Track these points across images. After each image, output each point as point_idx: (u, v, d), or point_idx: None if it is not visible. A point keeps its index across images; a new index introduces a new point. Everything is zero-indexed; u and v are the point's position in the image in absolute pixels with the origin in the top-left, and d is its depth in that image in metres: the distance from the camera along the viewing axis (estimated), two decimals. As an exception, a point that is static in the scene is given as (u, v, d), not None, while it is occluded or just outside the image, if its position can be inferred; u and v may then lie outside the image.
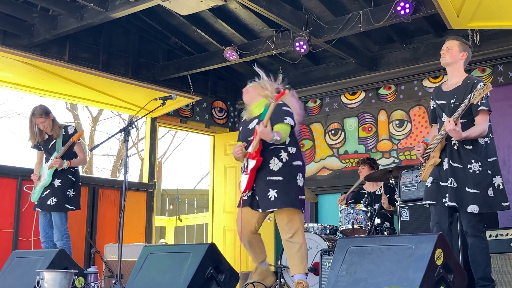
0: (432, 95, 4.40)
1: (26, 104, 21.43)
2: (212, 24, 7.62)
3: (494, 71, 6.93)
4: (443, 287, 2.94)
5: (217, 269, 3.98)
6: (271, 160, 4.44)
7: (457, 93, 4.12)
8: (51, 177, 5.79)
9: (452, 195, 4.02)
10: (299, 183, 4.45)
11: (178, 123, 8.80)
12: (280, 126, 4.40)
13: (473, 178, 3.98)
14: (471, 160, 4.01)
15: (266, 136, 4.31)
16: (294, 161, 4.47)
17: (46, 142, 5.99)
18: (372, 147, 7.76)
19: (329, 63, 8.23)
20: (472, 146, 4.04)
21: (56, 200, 5.75)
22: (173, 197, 13.27)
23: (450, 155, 4.09)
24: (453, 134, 3.92)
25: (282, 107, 4.48)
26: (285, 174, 4.40)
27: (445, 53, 4.21)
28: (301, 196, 4.43)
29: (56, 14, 6.85)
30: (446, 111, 4.16)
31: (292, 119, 4.47)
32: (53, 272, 4.35)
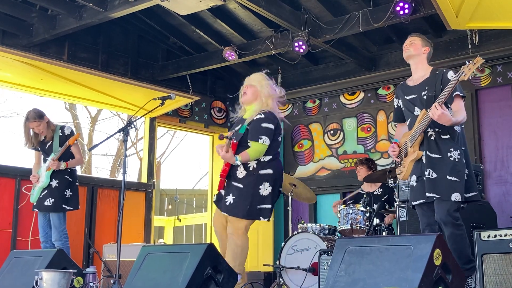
0: (397, 93, 4.39)
1: (25, 103, 21.46)
2: (211, 24, 7.62)
3: (493, 72, 6.94)
4: (442, 287, 2.94)
5: (216, 269, 3.97)
6: (239, 168, 4.57)
7: (427, 84, 4.11)
8: (48, 179, 5.82)
9: (430, 187, 3.98)
10: (262, 192, 4.52)
11: (177, 123, 8.80)
12: (253, 145, 4.51)
13: (453, 166, 3.95)
14: (450, 149, 3.98)
15: (228, 161, 4.51)
16: (262, 170, 4.54)
17: (42, 143, 6.00)
18: (371, 147, 7.77)
19: (328, 63, 8.23)
20: (449, 135, 4.02)
21: (54, 200, 5.76)
22: (172, 197, 13.28)
23: (428, 146, 4.05)
24: (442, 119, 3.84)
25: (262, 124, 4.54)
26: (247, 182, 4.52)
27: (408, 46, 4.26)
28: (260, 205, 4.51)
29: (55, 13, 6.85)
30: (418, 104, 4.14)
31: (269, 139, 4.52)
32: (51, 272, 4.34)
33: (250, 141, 4.53)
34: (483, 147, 6.82)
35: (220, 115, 9.11)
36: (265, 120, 4.55)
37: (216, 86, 9.08)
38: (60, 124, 6.11)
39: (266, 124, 4.54)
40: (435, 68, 4.21)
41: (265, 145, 4.51)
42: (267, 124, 4.55)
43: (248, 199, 4.48)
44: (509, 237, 4.38)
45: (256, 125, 4.54)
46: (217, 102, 9.07)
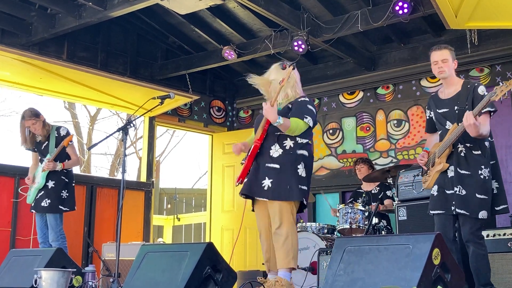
0: (429, 104, 4.38)
1: (24, 103, 21.44)
2: (210, 23, 7.62)
3: (492, 71, 6.94)
4: (441, 286, 2.94)
5: (215, 268, 3.98)
6: (273, 146, 4.26)
7: (459, 99, 4.12)
8: (44, 180, 5.82)
9: (460, 203, 3.99)
10: (300, 173, 4.21)
11: (176, 122, 8.80)
12: (296, 120, 4.20)
13: (482, 184, 3.98)
14: (481, 166, 4.01)
15: (270, 115, 4.09)
16: (299, 150, 4.25)
17: (38, 144, 6.01)
18: (370, 147, 7.77)
19: (327, 63, 8.23)
20: (481, 151, 4.05)
21: (50, 201, 5.77)
22: (171, 196, 13.27)
23: (457, 162, 4.06)
24: (471, 128, 3.85)
25: (308, 105, 4.32)
26: (283, 162, 4.20)
27: (444, 66, 4.16)
28: (301, 186, 4.20)
29: (54, 12, 6.85)
30: (450, 118, 4.15)
31: (312, 121, 4.28)
32: (50, 271, 4.35)
33: (295, 117, 4.21)
34: (482, 147, 6.82)
35: (219, 114, 9.10)
36: (310, 103, 4.35)
37: (215, 85, 9.08)
38: (56, 125, 6.11)
39: (311, 107, 4.33)
40: (466, 81, 4.22)
41: (307, 124, 4.24)
42: (312, 107, 4.35)
43: (288, 178, 4.17)
44: (508, 236, 4.40)
45: (301, 104, 4.28)
46: (216, 101, 9.07)
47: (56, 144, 5.85)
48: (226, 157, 8.86)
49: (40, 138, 6.00)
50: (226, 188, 8.77)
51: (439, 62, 4.17)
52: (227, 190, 8.76)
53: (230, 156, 8.82)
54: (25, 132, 5.95)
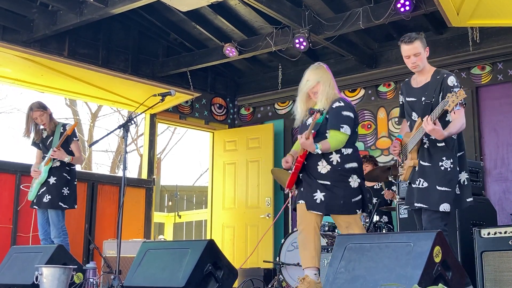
0: (401, 90, 4.31)
1: (25, 99, 21.44)
2: (211, 20, 7.61)
3: (494, 69, 6.93)
4: (442, 284, 2.94)
5: (216, 266, 3.98)
6: (320, 162, 4.26)
7: (426, 89, 4.03)
8: (46, 173, 5.80)
9: (419, 196, 3.94)
10: (352, 185, 4.23)
11: (177, 120, 8.80)
12: (334, 133, 4.20)
13: (444, 176, 3.89)
14: (442, 158, 3.91)
15: (308, 148, 4.18)
16: (347, 163, 4.24)
17: (44, 139, 6.00)
18: (371, 144, 7.76)
19: (329, 60, 8.22)
20: (445, 143, 3.93)
21: (51, 197, 5.76)
22: (172, 193, 13.26)
23: (421, 154, 4.00)
24: (434, 134, 3.80)
25: (343, 112, 4.25)
26: (334, 178, 4.21)
27: (417, 61, 4.09)
28: (354, 198, 4.22)
29: (56, 9, 6.84)
30: (416, 109, 4.07)
31: (349, 127, 4.23)
32: (51, 267, 4.35)
33: (330, 130, 4.21)
34: (483, 145, 6.81)
35: (221, 111, 9.10)
36: (345, 108, 4.27)
37: (217, 82, 9.07)
38: (62, 122, 6.11)
39: (346, 112, 4.26)
40: (437, 70, 4.11)
41: (346, 134, 4.20)
42: (348, 112, 4.27)
43: (340, 194, 4.18)
44: (509, 234, 4.39)
45: (336, 112, 4.23)
46: (217, 99, 9.07)
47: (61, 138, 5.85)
48: (227, 154, 8.86)
49: (46, 133, 6.00)
50: (227, 185, 8.77)
51: (411, 56, 4.11)
52: (228, 187, 8.76)
53: (231, 153, 8.82)
54: (30, 124, 5.94)
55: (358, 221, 4.29)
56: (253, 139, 8.64)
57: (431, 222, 3.87)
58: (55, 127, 5.96)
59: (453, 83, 3.95)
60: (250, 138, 8.68)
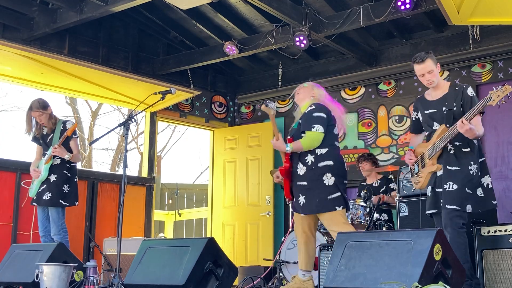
0: (416, 106, 4.50)
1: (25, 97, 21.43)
2: (212, 18, 7.61)
3: (494, 67, 6.93)
4: (442, 282, 2.94)
5: (216, 263, 3.99)
6: (298, 165, 4.56)
7: (446, 100, 4.25)
8: (47, 172, 5.80)
9: (449, 198, 4.08)
10: (327, 183, 4.45)
11: (178, 118, 8.79)
12: (306, 134, 4.49)
13: (471, 179, 4.10)
14: (471, 162, 4.12)
15: (278, 148, 4.55)
16: (321, 162, 4.49)
17: (44, 136, 6.00)
18: (372, 143, 7.76)
19: (329, 58, 8.22)
20: (470, 148, 4.15)
21: (51, 195, 5.76)
22: (172, 191, 13.27)
23: (447, 160, 4.18)
24: (469, 133, 3.98)
25: (313, 114, 4.54)
26: (309, 178, 4.49)
27: (431, 78, 4.29)
28: (331, 196, 4.43)
29: (56, 7, 6.84)
30: (438, 119, 4.27)
31: (321, 126, 4.49)
32: (52, 265, 4.36)
33: (305, 131, 4.53)
34: (484, 143, 6.80)
35: (221, 109, 9.10)
36: (315, 110, 4.57)
37: (217, 80, 9.07)
38: (63, 119, 6.11)
39: (317, 113, 4.54)
40: (454, 84, 4.36)
41: (318, 132, 4.47)
42: (318, 113, 4.55)
43: (316, 193, 4.45)
44: (509, 232, 4.39)
45: (307, 116, 4.56)
46: (217, 97, 9.06)
47: (61, 137, 5.84)
48: (227, 152, 8.86)
49: (46, 130, 6.00)
50: (227, 183, 8.77)
51: (425, 74, 4.31)
52: (228, 185, 8.76)
53: (232, 151, 8.82)
54: (31, 122, 5.95)
55: (339, 218, 4.47)
56: (253, 137, 8.64)
57: (451, 219, 4.04)
58: (55, 125, 5.96)
59: (473, 93, 4.23)
60: (250, 136, 8.68)
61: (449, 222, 4.03)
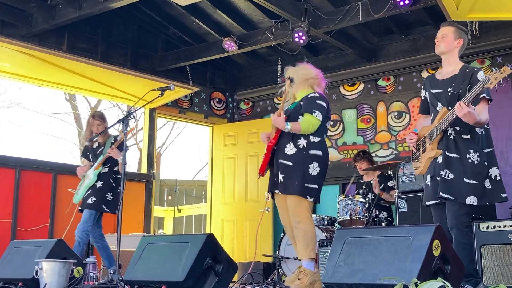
0: (425, 84, 4.25)
1: (24, 94, 21.43)
2: (211, 14, 7.60)
3: (493, 63, 6.93)
4: (441, 278, 2.95)
5: (215, 259, 3.99)
6: (288, 144, 4.48)
7: (454, 81, 3.98)
8: (96, 177, 5.93)
9: (445, 187, 3.86)
10: (311, 172, 4.42)
11: (177, 114, 8.79)
12: (306, 116, 4.44)
13: (472, 168, 3.83)
14: (470, 150, 3.86)
15: (278, 125, 4.44)
16: (312, 150, 4.46)
17: (94, 149, 6.15)
18: (371, 139, 7.77)
19: (328, 54, 8.22)
20: (470, 136, 3.89)
21: (95, 199, 5.87)
22: (172, 187, 13.28)
23: (446, 145, 3.93)
24: (468, 117, 3.70)
25: (317, 100, 4.51)
26: (296, 160, 4.42)
27: (440, 41, 4.05)
28: (310, 185, 4.40)
29: (55, 3, 6.83)
30: (442, 100, 4.02)
31: (322, 115, 4.47)
32: (51, 262, 4.36)
33: (304, 114, 4.45)
34: (483, 139, 6.81)
35: (220, 106, 9.10)
36: (319, 98, 4.53)
37: (216, 77, 9.06)
38: (114, 135, 6.24)
39: (320, 101, 4.51)
40: (465, 65, 4.06)
41: (318, 119, 4.45)
42: (321, 102, 4.53)
43: (299, 176, 4.39)
44: (508, 228, 4.40)
45: (310, 99, 4.50)
46: (216, 93, 9.06)
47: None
48: (226, 148, 8.86)
49: (96, 143, 6.15)
50: (226, 179, 8.78)
51: (438, 37, 4.08)
52: (227, 181, 8.77)
53: (231, 147, 8.82)
54: (91, 129, 6.12)
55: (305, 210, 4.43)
56: (252, 134, 8.63)
57: (457, 219, 3.83)
58: (107, 139, 6.08)
59: (483, 77, 3.85)
60: (250, 133, 8.68)
61: (454, 222, 3.83)
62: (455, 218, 3.84)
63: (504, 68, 3.57)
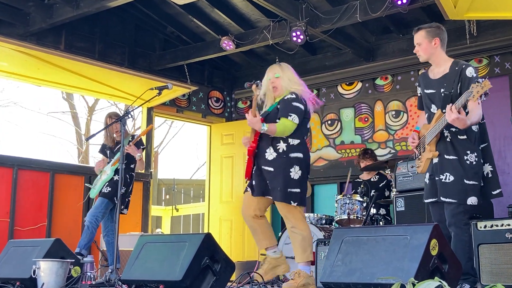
0: (419, 82, 4.26)
1: (22, 93, 21.41)
2: (208, 13, 7.59)
3: (491, 62, 6.93)
4: (438, 277, 2.95)
5: (213, 259, 3.98)
6: (267, 149, 4.46)
7: (445, 81, 3.99)
8: (113, 172, 5.98)
9: (445, 190, 3.90)
10: (293, 175, 4.39)
11: (175, 113, 8.79)
12: (282, 121, 4.40)
13: (470, 169, 3.87)
14: (467, 151, 3.89)
15: (253, 125, 4.41)
16: (292, 153, 4.42)
17: (112, 147, 6.19)
18: (368, 138, 7.77)
19: (326, 53, 8.22)
20: (467, 136, 3.91)
21: (110, 189, 5.93)
22: (170, 187, 13.28)
23: (444, 148, 3.96)
24: (457, 123, 3.74)
25: (293, 102, 4.46)
26: (277, 165, 4.40)
27: (418, 51, 4.12)
28: (292, 189, 4.37)
29: (52, 2, 6.82)
30: (436, 101, 4.03)
31: (297, 117, 4.41)
32: (49, 261, 4.35)
33: (280, 118, 4.42)
34: (480, 137, 6.82)
35: (218, 105, 9.09)
36: (296, 100, 4.48)
37: (214, 76, 9.06)
38: (132, 134, 6.30)
39: (296, 103, 4.46)
40: (456, 61, 4.09)
41: (294, 123, 4.40)
42: (297, 103, 4.47)
43: (281, 182, 4.37)
44: (505, 227, 4.40)
45: (286, 103, 4.47)
46: (214, 92, 9.06)
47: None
48: (224, 147, 8.86)
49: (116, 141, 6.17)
50: (224, 178, 8.77)
51: (416, 46, 4.14)
52: (225, 180, 8.76)
53: (229, 146, 8.82)
54: (108, 130, 6.13)
55: (297, 213, 4.45)
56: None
57: (455, 217, 3.86)
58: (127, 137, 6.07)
59: (472, 74, 3.91)
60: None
61: (453, 220, 3.87)
62: (452, 216, 3.87)
63: (485, 83, 3.59)
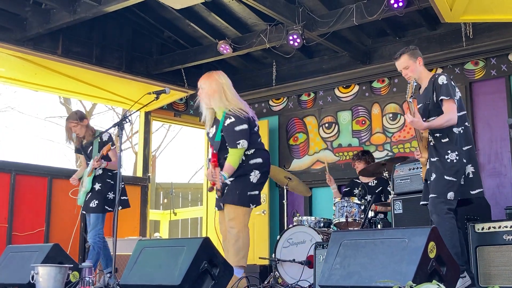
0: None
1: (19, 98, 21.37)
2: (205, 17, 7.60)
3: (487, 64, 6.95)
4: (436, 279, 2.96)
5: (212, 263, 3.99)
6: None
7: (426, 94, 4.41)
8: (90, 184, 5.90)
9: (432, 188, 4.28)
10: (252, 179, 4.63)
11: (172, 117, 8.79)
12: (232, 152, 4.57)
13: (451, 167, 4.22)
14: (448, 151, 4.25)
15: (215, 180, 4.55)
16: (251, 160, 4.65)
17: (84, 147, 6.10)
18: (366, 140, 7.78)
19: (323, 57, 8.23)
20: (449, 138, 4.28)
21: (97, 202, 5.85)
22: (167, 190, 13.28)
23: (430, 152, 4.36)
24: (415, 125, 4.24)
25: (235, 128, 4.58)
26: (238, 173, 4.61)
27: (407, 74, 4.47)
28: (251, 192, 4.62)
29: (49, 7, 6.82)
30: (421, 113, 4.43)
31: (245, 140, 4.57)
32: (47, 266, 4.35)
33: (229, 149, 4.61)
34: (477, 139, 6.84)
35: (215, 108, 9.09)
36: (236, 123, 4.60)
37: (211, 79, 9.05)
38: (100, 130, 6.19)
39: (239, 127, 4.60)
40: (432, 75, 4.46)
41: (243, 148, 4.60)
42: (240, 126, 4.60)
43: (239, 187, 4.59)
44: (503, 229, 4.41)
45: (230, 130, 4.60)
46: (212, 96, 9.04)
47: (99, 149, 5.93)
48: (222, 151, 8.85)
49: (85, 141, 6.08)
50: (222, 182, 8.76)
51: (402, 70, 4.52)
52: (223, 184, 8.75)
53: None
54: (70, 132, 6.02)
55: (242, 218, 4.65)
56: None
57: (436, 206, 4.21)
58: (93, 135, 6.03)
59: (443, 81, 4.32)
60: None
61: (433, 209, 4.22)
62: (434, 206, 4.25)
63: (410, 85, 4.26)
